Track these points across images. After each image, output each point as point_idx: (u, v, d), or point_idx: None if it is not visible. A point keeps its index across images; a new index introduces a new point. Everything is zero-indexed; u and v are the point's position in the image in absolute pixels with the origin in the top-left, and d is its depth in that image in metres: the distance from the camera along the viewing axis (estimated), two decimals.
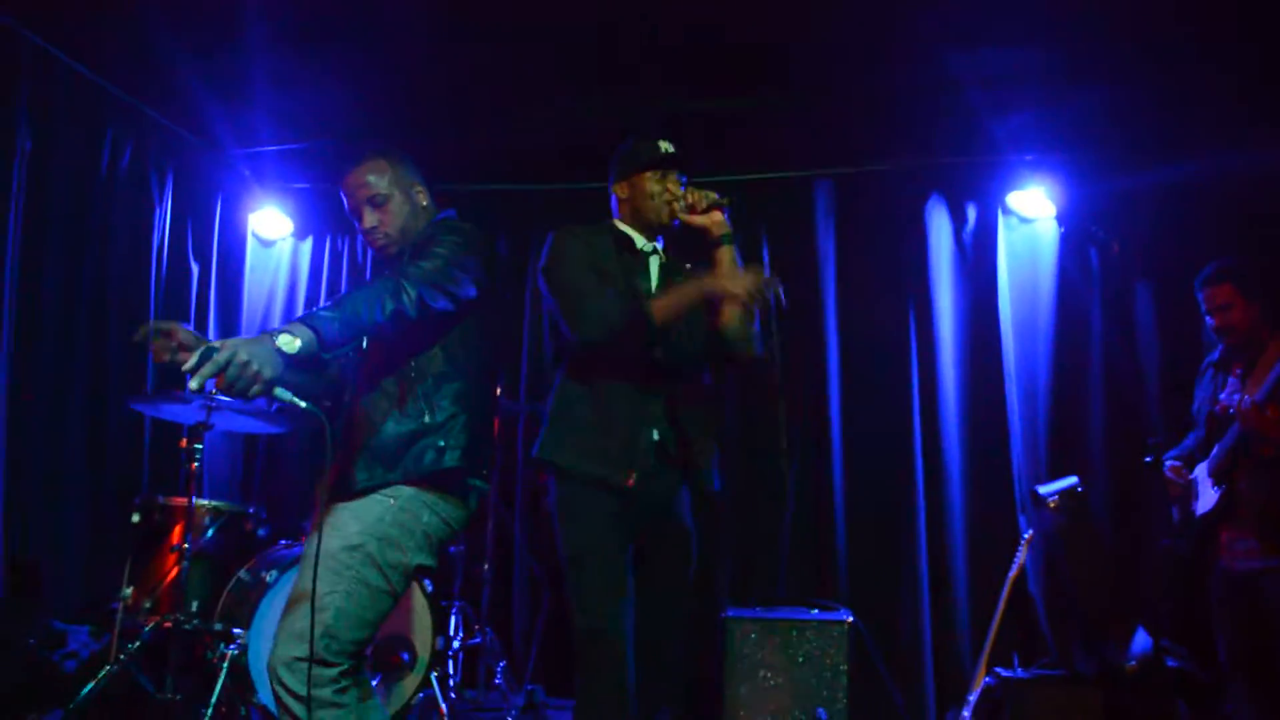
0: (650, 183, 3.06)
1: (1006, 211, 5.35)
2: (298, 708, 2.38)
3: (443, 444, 2.58)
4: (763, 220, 5.53)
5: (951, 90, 4.73)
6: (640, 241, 3.09)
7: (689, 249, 3.13)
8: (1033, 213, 5.31)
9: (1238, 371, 3.82)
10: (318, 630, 2.39)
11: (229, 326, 5.84)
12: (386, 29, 4.49)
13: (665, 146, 3.08)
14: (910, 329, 5.31)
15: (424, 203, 2.84)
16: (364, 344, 2.50)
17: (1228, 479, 3.71)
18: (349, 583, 2.46)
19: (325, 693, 2.40)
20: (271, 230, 6.15)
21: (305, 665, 2.38)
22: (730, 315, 2.97)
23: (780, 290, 2.84)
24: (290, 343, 2.16)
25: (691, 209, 3.00)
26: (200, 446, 4.35)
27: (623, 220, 3.13)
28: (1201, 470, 3.85)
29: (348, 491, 2.55)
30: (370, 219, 2.75)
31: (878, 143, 5.38)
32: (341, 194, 2.80)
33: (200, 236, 5.67)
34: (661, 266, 3.13)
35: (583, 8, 4.25)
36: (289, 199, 6.05)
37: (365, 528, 2.50)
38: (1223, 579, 3.73)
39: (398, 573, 2.54)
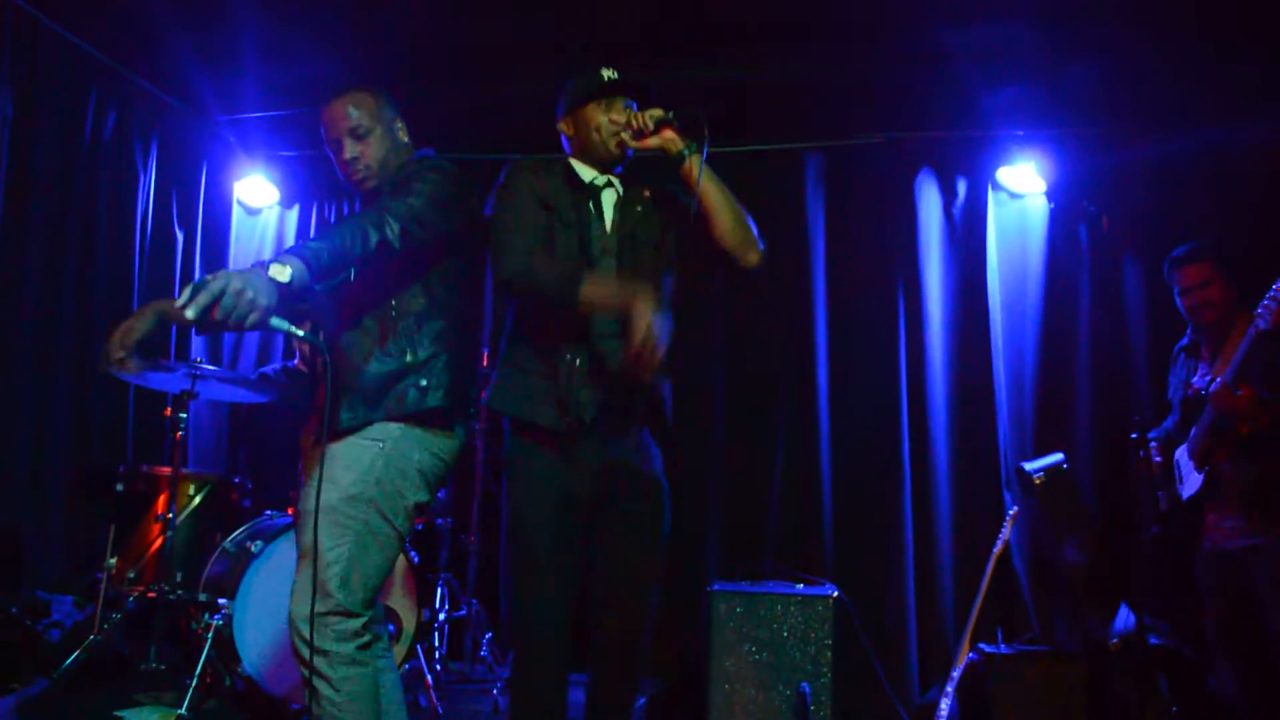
0: (595, 114, 2.84)
1: (996, 187, 5.33)
2: (319, 662, 2.40)
3: (425, 383, 2.60)
4: (752, 193, 5.47)
5: (943, 63, 4.71)
6: (589, 175, 2.86)
7: (660, 177, 2.96)
8: (1023, 188, 5.29)
9: (1206, 355, 3.82)
10: (334, 583, 2.43)
11: None
12: None
13: (607, 74, 2.86)
14: (899, 303, 5.29)
15: (404, 139, 2.83)
16: (351, 276, 2.49)
17: (1209, 461, 3.72)
18: (355, 533, 2.49)
19: (349, 648, 2.43)
20: (257, 198, 6.10)
21: (329, 619, 2.41)
22: (724, 224, 2.83)
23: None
24: (282, 272, 2.16)
25: (640, 134, 2.78)
26: (185, 415, 4.33)
27: (574, 157, 2.92)
28: (1182, 453, 3.86)
29: (332, 432, 2.56)
30: (351, 150, 2.73)
31: (868, 115, 5.34)
32: (321, 124, 2.77)
33: (185, 204, 5.62)
34: (618, 201, 2.89)
35: None
36: (275, 167, 6.00)
37: (359, 476, 2.52)
38: (1211, 558, 3.75)
39: (400, 515, 2.58)
